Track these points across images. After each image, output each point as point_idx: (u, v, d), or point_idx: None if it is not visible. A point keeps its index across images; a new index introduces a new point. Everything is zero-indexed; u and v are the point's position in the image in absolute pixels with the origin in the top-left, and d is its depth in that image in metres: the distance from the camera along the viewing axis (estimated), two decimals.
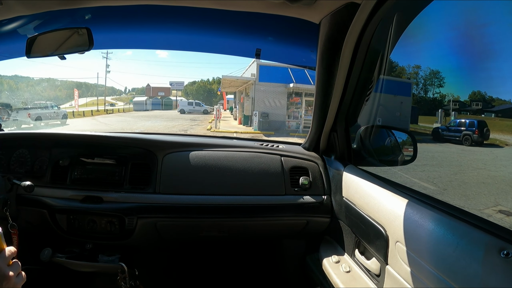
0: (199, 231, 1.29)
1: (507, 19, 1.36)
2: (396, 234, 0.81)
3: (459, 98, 3.71)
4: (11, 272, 0.66)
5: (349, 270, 1.06)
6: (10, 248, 0.71)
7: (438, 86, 3.91)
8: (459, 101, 3.67)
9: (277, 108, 14.09)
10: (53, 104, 17.43)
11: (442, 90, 3.90)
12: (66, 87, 48.71)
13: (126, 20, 1.46)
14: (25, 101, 17.71)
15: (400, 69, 5.29)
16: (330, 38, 1.02)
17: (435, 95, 4.10)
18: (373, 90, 1.14)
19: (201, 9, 1.14)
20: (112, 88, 57.66)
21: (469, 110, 3.52)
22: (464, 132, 3.66)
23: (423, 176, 3.72)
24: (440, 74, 3.79)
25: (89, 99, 40.95)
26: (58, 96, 45.14)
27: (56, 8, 1.05)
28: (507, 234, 0.60)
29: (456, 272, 0.62)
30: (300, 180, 1.28)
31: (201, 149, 1.33)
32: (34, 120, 14.44)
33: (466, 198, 3.08)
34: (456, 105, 3.67)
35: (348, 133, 1.23)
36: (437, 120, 4.03)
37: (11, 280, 0.65)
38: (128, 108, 33.65)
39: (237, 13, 1.11)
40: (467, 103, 3.52)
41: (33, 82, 45.02)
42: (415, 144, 1.18)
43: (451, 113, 3.75)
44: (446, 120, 3.86)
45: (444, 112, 3.98)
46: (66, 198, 1.22)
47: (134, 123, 16.68)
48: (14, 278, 0.66)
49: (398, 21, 0.95)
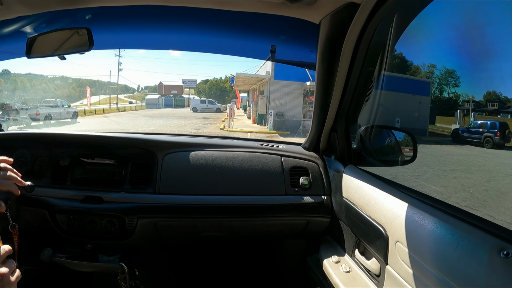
0: (199, 231, 1.29)
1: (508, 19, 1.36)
2: (396, 234, 0.81)
3: (473, 98, 3.66)
4: (4, 269, 0.66)
5: (349, 270, 1.06)
6: (5, 246, 0.71)
7: (453, 85, 3.85)
8: (474, 101, 3.62)
9: (292, 107, 13.75)
10: (63, 102, 17.37)
11: (457, 89, 3.83)
12: (79, 85, 48.70)
13: (126, 21, 1.46)
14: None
15: (414, 68, 5.21)
16: (330, 38, 1.02)
17: (450, 95, 4.04)
18: (373, 89, 1.14)
19: (200, 10, 1.14)
20: (125, 86, 57.76)
21: (484, 111, 3.47)
22: (485, 134, 3.59)
23: (456, 184, 3.56)
24: (456, 73, 3.74)
25: (102, 97, 41.03)
26: (72, 94, 45.13)
27: (56, 8, 1.05)
28: (507, 234, 0.60)
29: (456, 272, 0.62)
30: (300, 180, 1.28)
31: (201, 149, 1.33)
32: (44, 119, 14.42)
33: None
34: (471, 105, 3.62)
35: (348, 133, 1.23)
36: (455, 121, 3.95)
37: (5, 277, 0.66)
38: (140, 106, 33.60)
39: (237, 13, 1.11)
40: (482, 103, 3.48)
41: (47, 80, 45.05)
42: (415, 144, 1.18)
43: (471, 114, 3.69)
44: (465, 121, 3.80)
45: (463, 113, 3.91)
46: (66, 198, 1.22)
47: (145, 121, 16.56)
48: (8, 275, 0.66)
49: (398, 21, 0.95)
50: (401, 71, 6.13)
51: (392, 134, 1.28)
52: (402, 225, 0.79)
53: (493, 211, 2.79)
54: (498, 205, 3.02)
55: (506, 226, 0.63)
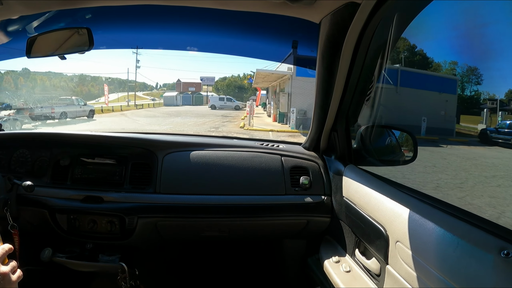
0: (199, 231, 1.29)
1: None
2: (397, 234, 0.81)
3: (494, 96, 3.53)
4: (5, 269, 0.67)
5: (349, 270, 1.06)
6: (5, 246, 0.72)
7: (475, 83, 3.68)
8: (496, 99, 3.49)
9: None
10: (79, 99, 17.20)
11: (479, 87, 3.64)
12: (98, 83, 48.57)
13: (127, 20, 1.46)
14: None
15: (436, 65, 4.99)
16: (331, 37, 1.02)
17: (472, 93, 3.86)
18: (373, 89, 1.14)
19: (201, 9, 1.14)
20: (143, 84, 57.38)
21: (507, 110, 3.35)
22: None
23: (505, 194, 3.25)
24: (478, 71, 3.56)
25: (120, 94, 40.87)
26: (91, 91, 44.98)
27: (56, 8, 1.05)
28: (507, 234, 0.60)
29: (456, 271, 0.62)
30: (301, 180, 1.28)
31: (201, 149, 1.33)
32: (59, 117, 14.35)
33: None
34: (493, 104, 3.49)
35: (348, 132, 1.23)
36: (481, 121, 3.76)
37: (6, 277, 0.66)
38: (158, 104, 33.37)
39: (236, 13, 1.11)
40: (505, 102, 3.36)
41: (66, 78, 44.96)
42: (416, 144, 1.18)
43: (498, 113, 3.54)
44: (491, 121, 3.64)
45: (490, 112, 3.74)
46: (66, 198, 1.22)
47: (163, 119, 16.32)
48: (9, 275, 0.67)
49: (399, 21, 0.95)
50: (422, 68, 5.91)
51: (392, 134, 1.28)
52: (402, 224, 0.79)
53: None
54: None
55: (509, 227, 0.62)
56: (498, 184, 3.61)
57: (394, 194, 0.89)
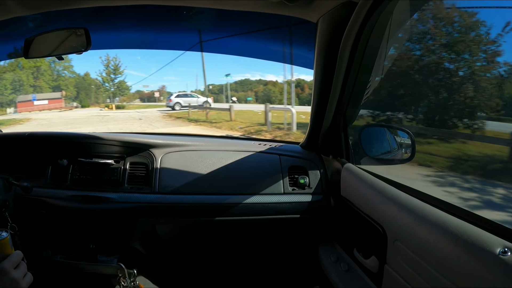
0: (198, 230, 1.29)
1: None
2: (395, 233, 0.81)
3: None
4: (19, 275, 0.69)
5: (347, 269, 1.06)
6: (18, 252, 0.74)
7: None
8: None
9: None
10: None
11: None
12: None
13: (125, 20, 1.46)
14: None
15: None
16: (328, 36, 1.02)
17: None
18: (371, 88, 1.14)
19: (201, 9, 1.14)
20: None
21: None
22: None
23: None
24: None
25: None
26: None
27: (54, 8, 1.05)
28: (506, 232, 0.60)
29: (455, 271, 0.62)
30: (299, 179, 1.28)
31: (199, 148, 1.33)
32: None
33: None
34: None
35: (346, 131, 1.23)
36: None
37: (19, 283, 0.69)
38: None
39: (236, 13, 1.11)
40: None
41: None
42: (414, 143, 1.18)
43: None
44: None
45: None
46: (65, 199, 1.22)
47: None
48: (21, 280, 0.70)
49: (396, 20, 0.95)
50: None
51: (390, 132, 1.28)
52: (400, 224, 0.79)
53: None
54: None
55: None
56: None
57: (393, 193, 0.89)
